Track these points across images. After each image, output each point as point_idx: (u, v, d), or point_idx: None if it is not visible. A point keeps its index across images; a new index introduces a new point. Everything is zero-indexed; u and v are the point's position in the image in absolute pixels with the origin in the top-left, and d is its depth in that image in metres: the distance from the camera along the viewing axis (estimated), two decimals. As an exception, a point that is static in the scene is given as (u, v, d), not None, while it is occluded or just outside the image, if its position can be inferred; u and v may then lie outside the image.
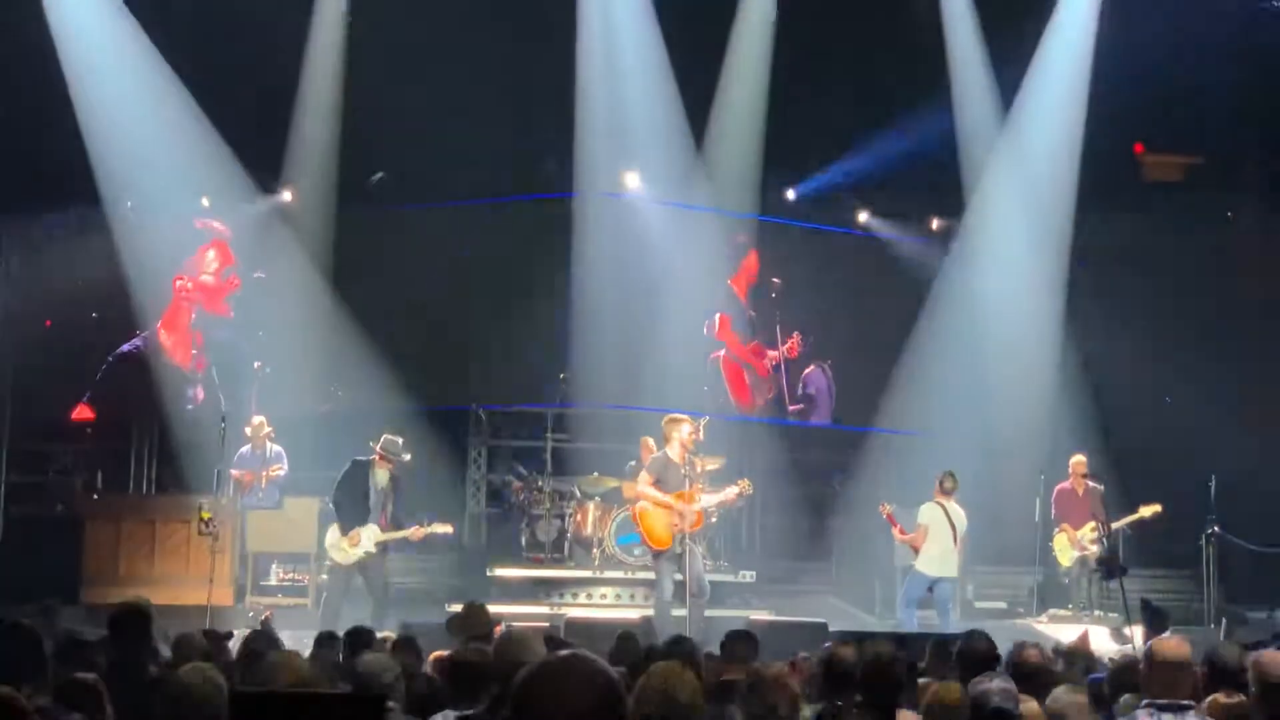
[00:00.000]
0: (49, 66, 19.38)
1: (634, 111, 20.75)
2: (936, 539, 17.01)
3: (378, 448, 16.06)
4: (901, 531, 17.54)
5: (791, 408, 22.34)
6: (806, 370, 22.41)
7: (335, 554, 15.96)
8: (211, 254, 21.39)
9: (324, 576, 16.83)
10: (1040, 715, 6.90)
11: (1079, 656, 10.05)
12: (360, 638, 9.91)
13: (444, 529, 16.47)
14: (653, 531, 15.58)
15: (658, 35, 20.35)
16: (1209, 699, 6.88)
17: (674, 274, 21.24)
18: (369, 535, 15.81)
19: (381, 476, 16.00)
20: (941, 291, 21.71)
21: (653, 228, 21.28)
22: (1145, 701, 6.47)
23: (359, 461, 16.19)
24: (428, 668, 8.84)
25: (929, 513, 17.14)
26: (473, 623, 10.09)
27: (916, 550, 17.16)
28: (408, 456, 16.50)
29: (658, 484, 15.42)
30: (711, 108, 21.04)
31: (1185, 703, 6.40)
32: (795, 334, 21.92)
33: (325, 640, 10.22)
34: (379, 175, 21.62)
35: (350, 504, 15.97)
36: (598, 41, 20.48)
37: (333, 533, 16.03)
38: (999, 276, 21.70)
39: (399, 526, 16.07)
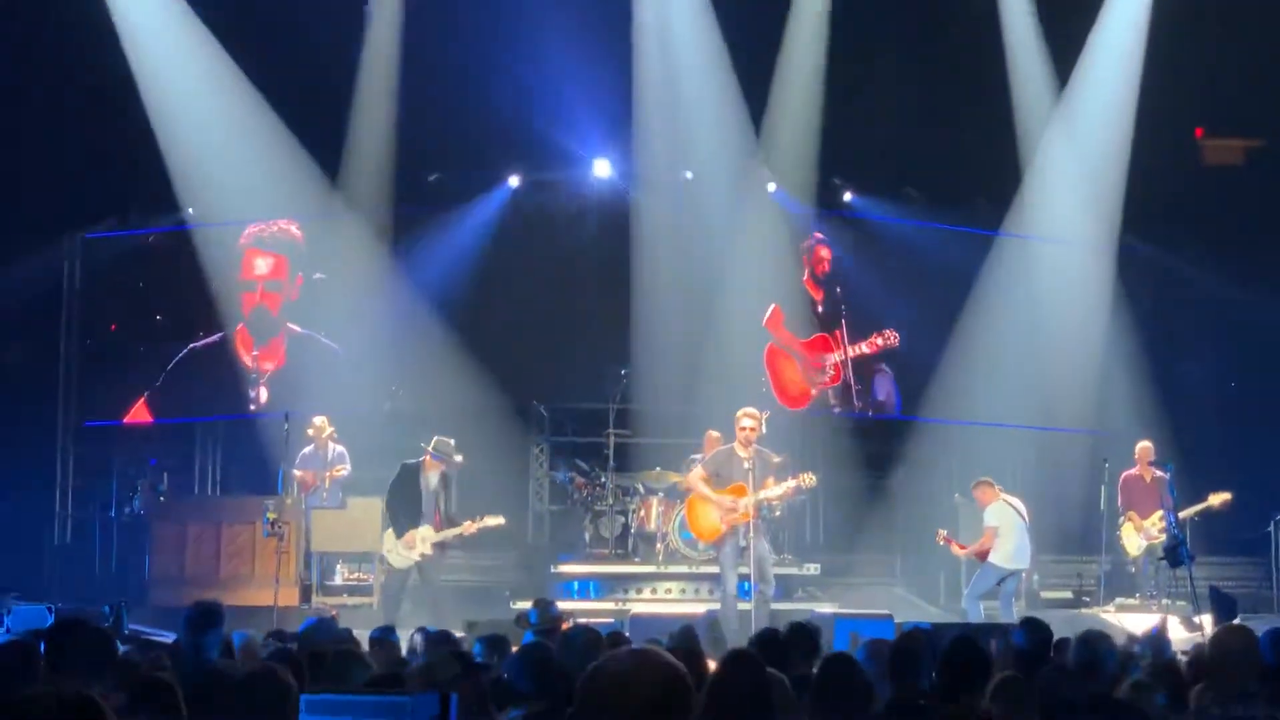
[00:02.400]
0: (120, 77, 19.51)
1: (691, 104, 20.71)
2: (1011, 535, 16.88)
3: (429, 449, 16.27)
4: (962, 546, 17.46)
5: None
6: (874, 376, 22.26)
7: (392, 558, 16.19)
8: (261, 262, 21.48)
9: (377, 585, 17.05)
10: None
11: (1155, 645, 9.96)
12: (430, 638, 9.93)
13: (495, 521, 16.65)
14: (697, 523, 15.82)
15: (714, 24, 20.30)
16: None
17: (736, 268, 21.18)
18: (424, 537, 16.05)
19: (433, 478, 16.27)
20: (997, 277, 21.56)
21: (715, 222, 21.22)
22: (1212, 694, 6.41)
23: (408, 465, 16.43)
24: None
25: (998, 513, 16.99)
26: (542, 619, 10.14)
27: (982, 556, 17.02)
28: (459, 458, 16.76)
29: (714, 477, 15.45)
30: (768, 99, 20.97)
31: (1251, 693, 6.33)
32: (891, 330, 21.67)
33: (382, 634, 10.25)
34: (435, 176, 21.65)
35: (403, 508, 16.22)
36: (653, 33, 20.44)
37: (389, 538, 16.21)
38: (1055, 262, 21.58)
39: (453, 524, 16.35)
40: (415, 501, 16.19)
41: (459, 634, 11.39)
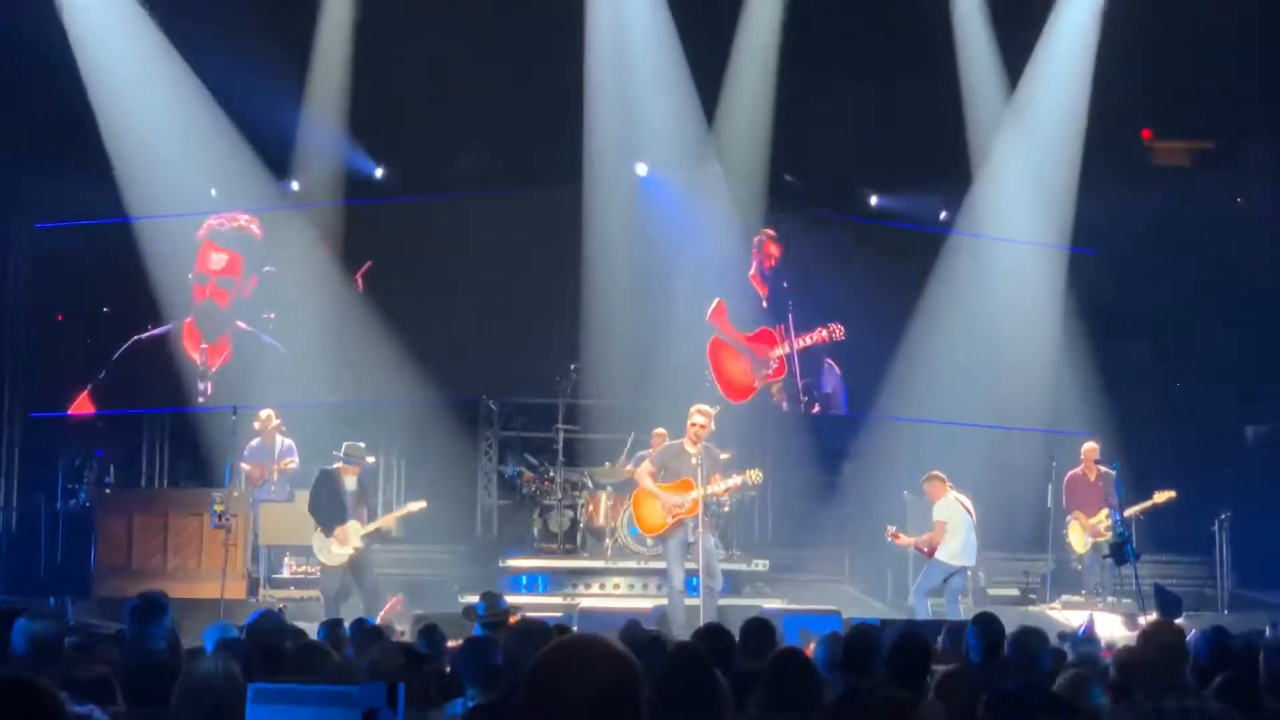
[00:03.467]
0: (64, 62, 19.38)
1: (644, 97, 20.72)
2: (959, 530, 17.00)
3: (341, 455, 16.41)
4: (911, 540, 17.55)
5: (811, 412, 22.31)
6: (821, 370, 22.35)
7: (324, 557, 16.24)
8: (216, 257, 21.39)
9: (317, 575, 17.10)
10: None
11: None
12: (370, 631, 9.94)
13: (417, 506, 16.96)
14: (642, 518, 15.95)
15: (667, 17, 20.32)
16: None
17: (686, 263, 21.22)
18: (354, 531, 16.13)
19: (350, 482, 16.43)
20: (947, 276, 21.64)
21: (666, 216, 21.23)
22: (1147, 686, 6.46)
23: (326, 470, 16.56)
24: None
25: (946, 508, 17.10)
26: (489, 612, 10.13)
27: (930, 551, 17.12)
28: (371, 459, 17.20)
29: (661, 471, 15.50)
30: (720, 95, 21.01)
31: (1185, 686, 6.37)
32: (836, 324, 21.75)
33: (329, 627, 10.23)
34: (384, 168, 21.62)
35: (327, 509, 16.34)
36: (606, 27, 20.43)
37: (318, 539, 16.24)
38: (1005, 261, 21.68)
39: (375, 518, 16.62)
40: (338, 503, 16.31)
41: (399, 627, 11.42)
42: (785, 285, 21.88)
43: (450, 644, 9.36)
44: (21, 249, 21.29)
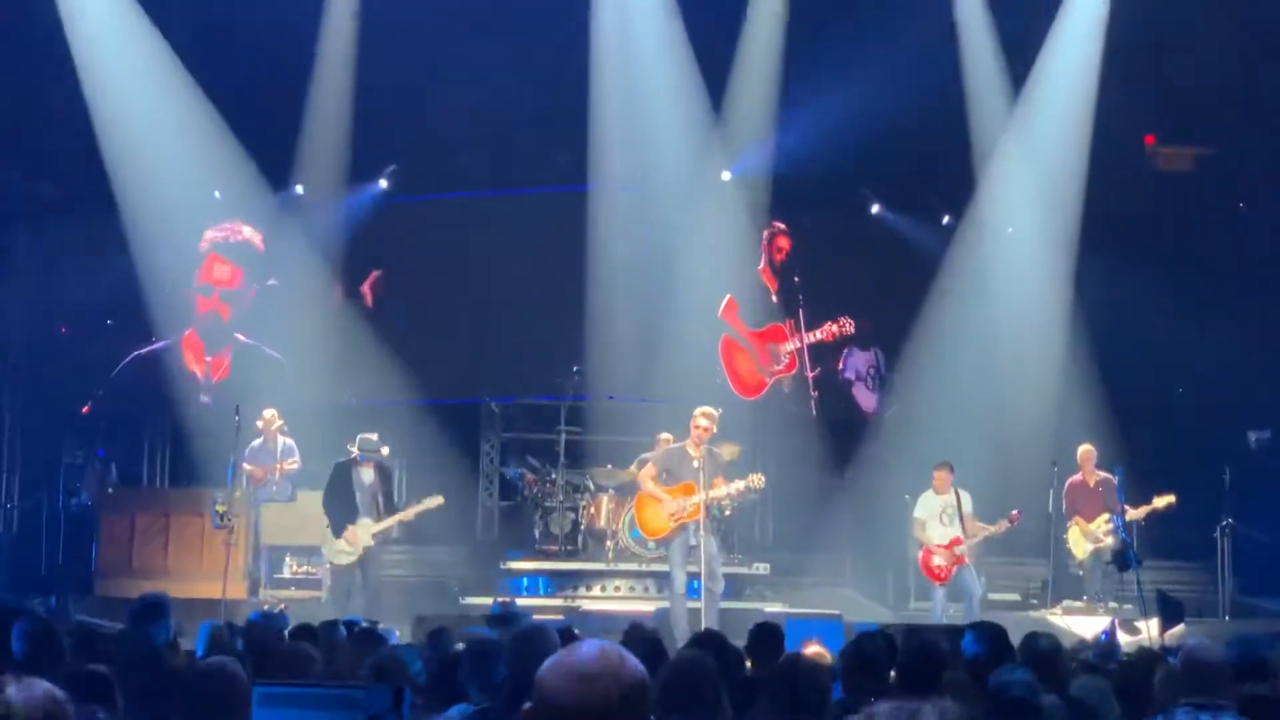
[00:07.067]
0: (64, 71, 19.38)
1: (649, 95, 20.74)
2: None
3: (354, 449, 16.43)
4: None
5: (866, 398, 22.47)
6: (841, 361, 22.50)
7: (335, 558, 16.31)
8: (221, 269, 21.33)
9: (327, 579, 17.09)
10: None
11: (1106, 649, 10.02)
12: (363, 633, 9.92)
13: (434, 502, 16.96)
14: (645, 521, 16.03)
15: (674, 13, 20.35)
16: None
17: (692, 263, 21.20)
18: (364, 531, 16.22)
19: (366, 474, 16.52)
20: (950, 279, 21.64)
21: (670, 213, 21.23)
22: (1184, 701, 6.44)
23: (340, 464, 16.72)
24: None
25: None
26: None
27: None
28: (386, 450, 17.13)
29: (664, 474, 15.53)
30: (725, 92, 21.04)
31: (1222, 703, 6.38)
32: (845, 318, 21.73)
33: (327, 629, 10.22)
34: (391, 168, 21.62)
35: (338, 507, 16.49)
36: (612, 26, 20.44)
37: (327, 538, 16.38)
38: (1009, 265, 21.67)
39: (392, 513, 16.60)
40: (349, 499, 16.44)
41: (381, 626, 11.44)
42: (795, 279, 21.80)
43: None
44: (25, 264, 21.19)
